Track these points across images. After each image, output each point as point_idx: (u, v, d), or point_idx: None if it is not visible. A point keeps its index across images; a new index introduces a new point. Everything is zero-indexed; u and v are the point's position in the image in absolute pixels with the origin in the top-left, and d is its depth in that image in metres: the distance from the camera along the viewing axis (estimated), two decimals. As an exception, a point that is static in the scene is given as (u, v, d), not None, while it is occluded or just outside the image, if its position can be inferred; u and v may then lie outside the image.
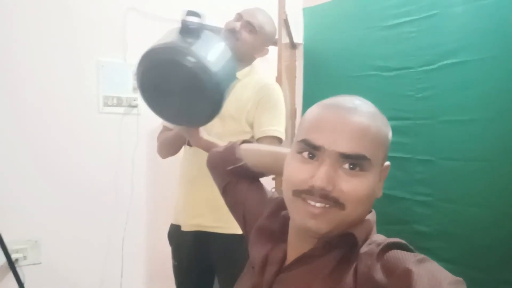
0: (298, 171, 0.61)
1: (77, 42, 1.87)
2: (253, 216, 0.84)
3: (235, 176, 0.91)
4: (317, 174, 0.58)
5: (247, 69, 1.55)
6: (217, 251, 1.48)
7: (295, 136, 0.67)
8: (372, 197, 0.62)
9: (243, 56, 1.52)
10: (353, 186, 0.58)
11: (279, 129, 1.47)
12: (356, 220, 0.62)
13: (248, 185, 0.90)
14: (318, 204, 0.59)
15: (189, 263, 1.54)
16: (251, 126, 1.49)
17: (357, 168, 0.59)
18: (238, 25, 1.49)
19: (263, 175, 0.92)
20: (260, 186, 0.91)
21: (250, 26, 1.50)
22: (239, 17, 1.52)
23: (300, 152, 0.62)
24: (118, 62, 1.97)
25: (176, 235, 1.55)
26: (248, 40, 1.50)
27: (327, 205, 0.59)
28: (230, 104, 1.48)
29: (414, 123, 1.99)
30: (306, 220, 0.60)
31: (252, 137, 1.49)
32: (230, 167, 0.89)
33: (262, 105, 1.47)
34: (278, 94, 1.53)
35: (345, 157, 0.58)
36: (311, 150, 0.61)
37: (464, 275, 0.52)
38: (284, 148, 0.85)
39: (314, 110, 0.65)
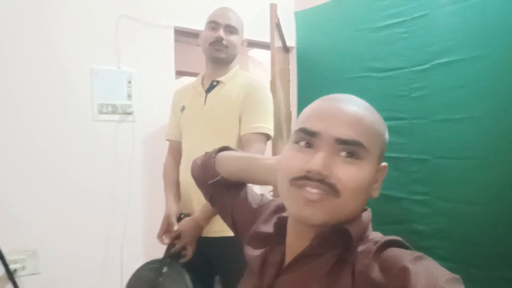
0: (295, 160, 0.61)
1: (69, 50, 1.87)
2: (243, 224, 0.84)
3: (217, 189, 0.91)
4: (313, 159, 0.58)
5: (233, 70, 1.58)
6: (217, 254, 1.49)
7: (292, 130, 0.68)
8: (368, 190, 0.62)
9: (233, 58, 1.57)
10: (349, 173, 0.59)
11: (264, 125, 1.47)
12: (351, 214, 0.62)
13: (232, 195, 0.89)
14: (315, 191, 0.58)
15: (191, 267, 1.54)
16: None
17: (354, 156, 0.59)
18: (222, 33, 1.51)
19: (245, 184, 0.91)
20: (246, 193, 0.89)
21: (230, 28, 1.54)
22: (216, 25, 1.53)
23: (297, 142, 0.63)
24: (111, 69, 1.97)
25: None
26: (235, 42, 1.55)
27: (323, 192, 0.58)
28: (218, 105, 1.51)
29: (408, 123, 2.00)
30: (302, 208, 0.60)
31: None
32: (210, 182, 0.89)
33: (248, 102, 1.49)
34: (264, 91, 1.53)
35: (342, 142, 0.59)
36: (308, 137, 0.61)
37: (462, 273, 0.53)
38: (264, 157, 0.86)
39: (312, 104, 0.67)
